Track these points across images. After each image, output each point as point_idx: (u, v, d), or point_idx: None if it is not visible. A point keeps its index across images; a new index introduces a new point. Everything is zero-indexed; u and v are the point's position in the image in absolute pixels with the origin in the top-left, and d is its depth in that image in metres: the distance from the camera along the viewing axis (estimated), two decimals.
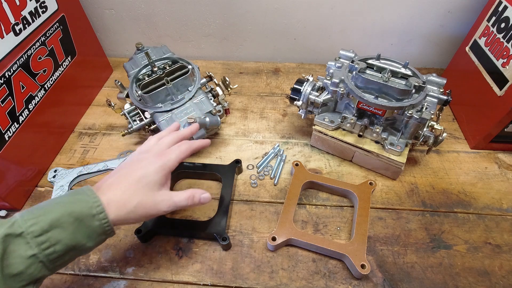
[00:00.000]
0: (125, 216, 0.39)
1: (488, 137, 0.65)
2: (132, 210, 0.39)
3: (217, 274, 0.51)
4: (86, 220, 0.36)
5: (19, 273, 0.32)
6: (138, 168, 0.42)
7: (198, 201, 0.45)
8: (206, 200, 0.46)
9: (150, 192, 0.41)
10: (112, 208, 0.38)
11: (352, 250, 0.50)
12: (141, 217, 0.41)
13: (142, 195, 0.40)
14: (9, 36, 0.56)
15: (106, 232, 0.38)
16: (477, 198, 0.61)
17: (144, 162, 0.43)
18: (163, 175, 0.43)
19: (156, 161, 0.43)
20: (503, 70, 0.60)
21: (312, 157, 0.68)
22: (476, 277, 0.50)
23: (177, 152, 0.45)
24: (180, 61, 0.68)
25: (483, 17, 0.68)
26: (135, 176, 0.41)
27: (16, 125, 0.58)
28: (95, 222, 0.36)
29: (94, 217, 0.36)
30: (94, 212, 0.36)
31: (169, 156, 0.44)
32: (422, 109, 0.55)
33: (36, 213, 0.34)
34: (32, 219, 0.34)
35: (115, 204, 0.38)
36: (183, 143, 0.48)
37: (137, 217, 0.40)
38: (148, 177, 0.41)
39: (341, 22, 0.85)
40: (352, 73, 0.59)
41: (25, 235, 0.33)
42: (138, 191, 0.40)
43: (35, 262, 0.33)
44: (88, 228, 0.36)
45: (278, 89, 0.86)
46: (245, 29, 0.89)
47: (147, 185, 0.41)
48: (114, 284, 0.50)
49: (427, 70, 0.91)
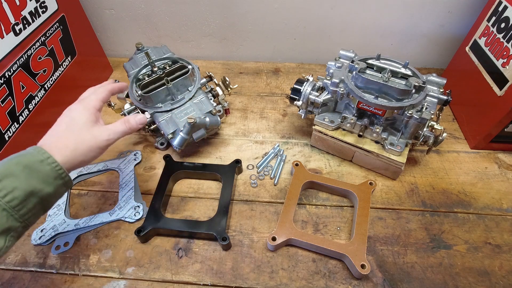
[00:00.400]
0: (71, 155, 0.41)
1: (488, 137, 0.65)
2: (75, 147, 0.42)
3: (217, 274, 0.51)
4: (35, 166, 0.37)
5: None
6: (65, 117, 0.45)
7: (134, 123, 0.49)
8: (142, 120, 0.50)
9: (84, 130, 0.44)
10: (55, 153, 0.39)
11: (352, 250, 0.50)
12: (88, 152, 0.43)
13: (78, 134, 0.43)
14: (9, 36, 0.56)
15: (61, 175, 0.39)
16: (477, 198, 0.61)
17: (68, 111, 0.46)
18: (89, 114, 0.45)
19: (78, 106, 0.46)
20: (503, 70, 0.60)
21: (312, 157, 0.68)
22: (476, 277, 0.50)
23: (96, 93, 0.48)
24: (180, 61, 0.68)
25: (483, 17, 0.68)
26: (63, 123, 0.44)
27: (16, 125, 0.58)
28: (46, 167, 0.38)
29: (43, 162, 0.38)
30: (41, 158, 0.38)
31: (88, 98, 0.47)
32: (422, 109, 0.54)
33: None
34: None
35: (57, 149, 0.40)
36: (99, 87, 0.51)
37: (84, 152, 0.43)
38: (76, 119, 0.44)
39: (341, 22, 0.85)
40: (352, 73, 0.59)
41: None
42: (73, 132, 0.43)
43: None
44: (40, 172, 0.37)
45: (278, 89, 0.86)
46: (245, 29, 0.89)
47: (77, 125, 0.44)
48: (114, 284, 0.50)
49: (427, 70, 0.91)
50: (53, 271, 0.52)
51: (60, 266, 0.52)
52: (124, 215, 0.57)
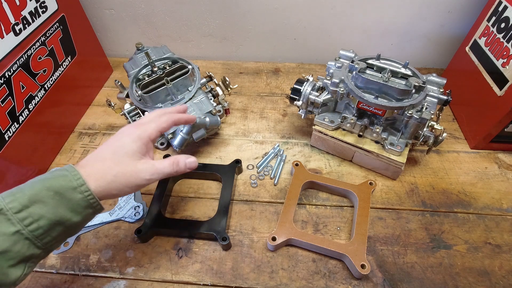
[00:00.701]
0: (106, 186, 0.38)
1: (488, 137, 0.65)
2: (113, 179, 0.38)
3: (217, 274, 0.51)
4: (67, 194, 0.35)
5: (4, 251, 0.32)
6: (115, 140, 0.42)
7: (183, 166, 0.44)
8: (192, 165, 0.45)
9: (129, 161, 0.40)
10: (91, 180, 0.37)
11: (352, 250, 0.50)
12: (124, 187, 0.40)
13: (122, 164, 0.40)
14: (9, 36, 0.56)
15: (92, 205, 0.37)
16: (477, 198, 0.61)
17: (122, 134, 0.43)
18: (141, 144, 0.42)
19: (134, 131, 0.43)
20: (503, 70, 0.60)
21: (312, 157, 0.68)
22: (476, 277, 0.50)
23: (157, 122, 0.45)
24: (180, 61, 0.68)
25: (483, 17, 0.68)
26: (111, 148, 0.41)
27: (16, 125, 0.58)
28: (77, 195, 0.35)
29: (75, 190, 0.35)
30: (75, 184, 0.36)
31: (147, 126, 0.44)
32: (422, 109, 0.54)
33: (14, 191, 0.34)
34: (10, 196, 0.33)
35: (94, 176, 0.38)
36: (163, 114, 0.47)
37: (120, 187, 0.39)
38: (125, 147, 0.41)
39: (341, 22, 0.85)
40: (352, 73, 0.59)
41: (5, 212, 0.32)
42: (117, 161, 0.40)
43: (20, 239, 0.33)
44: (71, 201, 0.35)
45: (278, 89, 0.86)
46: (245, 29, 0.89)
47: (125, 155, 0.40)
48: (114, 284, 0.50)
49: (427, 70, 0.91)
50: (53, 271, 0.52)
51: (60, 266, 0.52)
52: (124, 215, 0.58)
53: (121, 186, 0.39)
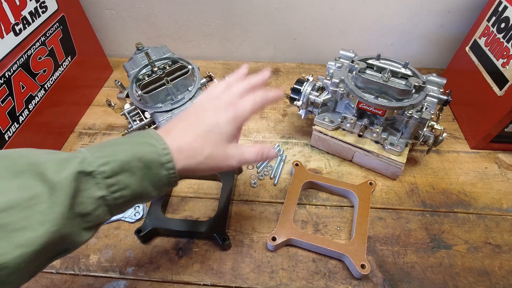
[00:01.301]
0: (194, 167, 0.36)
1: (488, 137, 0.65)
2: (202, 161, 0.36)
3: (217, 274, 0.51)
4: (154, 168, 0.33)
5: (87, 214, 0.30)
6: (210, 116, 0.38)
7: (266, 157, 0.41)
8: (274, 156, 0.42)
9: (221, 144, 0.38)
10: (181, 156, 0.35)
11: (352, 250, 0.50)
12: (210, 170, 0.38)
13: (214, 146, 0.37)
14: (9, 36, 0.56)
15: (171, 182, 0.35)
16: (477, 198, 0.61)
17: (216, 110, 0.39)
18: (235, 127, 0.39)
19: (230, 110, 0.39)
20: (503, 70, 0.60)
21: (312, 157, 0.68)
22: (476, 277, 0.50)
23: (251, 103, 0.40)
24: (180, 61, 0.68)
25: (483, 17, 0.68)
26: (206, 125, 0.38)
27: (16, 125, 0.58)
28: (163, 172, 0.33)
29: (163, 166, 0.33)
30: (163, 160, 0.33)
31: (243, 106, 0.40)
32: (422, 109, 0.55)
33: (106, 152, 0.32)
34: (102, 157, 0.31)
35: (185, 152, 0.35)
36: (258, 94, 0.42)
37: (206, 168, 0.37)
38: (220, 127, 0.38)
39: (341, 22, 0.85)
40: (352, 73, 0.59)
41: (96, 175, 0.30)
42: (210, 141, 0.37)
43: (102, 204, 0.31)
44: (156, 176, 0.33)
45: (278, 89, 0.86)
46: (245, 29, 0.89)
47: (219, 136, 0.37)
48: (114, 284, 0.50)
49: (427, 70, 0.91)
50: (53, 271, 0.52)
51: (60, 266, 0.52)
52: (124, 215, 0.57)
53: (208, 168, 0.37)
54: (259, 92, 0.42)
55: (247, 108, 0.40)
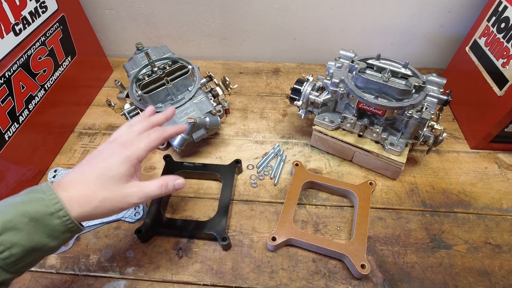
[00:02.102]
0: (91, 212, 0.36)
1: (488, 137, 0.65)
2: (98, 205, 0.36)
3: (217, 274, 0.51)
4: (43, 219, 0.33)
5: None
6: (101, 160, 0.39)
7: (172, 188, 0.42)
8: (180, 186, 0.43)
9: (116, 186, 0.38)
10: (74, 205, 0.35)
11: (352, 250, 0.50)
12: (110, 211, 0.38)
13: (107, 189, 0.37)
14: (9, 36, 0.56)
15: (71, 229, 0.35)
16: (477, 198, 0.61)
17: (108, 153, 0.40)
18: (130, 166, 0.39)
19: (122, 151, 0.40)
20: (503, 70, 0.60)
21: (312, 157, 0.68)
22: (476, 277, 0.50)
23: (146, 141, 0.42)
24: (180, 61, 0.68)
25: (483, 17, 0.68)
26: (97, 169, 0.38)
27: (16, 125, 0.58)
28: (55, 221, 0.34)
29: (53, 215, 0.33)
30: (52, 210, 0.33)
31: (136, 145, 0.41)
32: (422, 109, 0.54)
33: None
34: None
35: (77, 201, 0.35)
36: (153, 130, 0.44)
37: (105, 211, 0.37)
38: (112, 170, 0.38)
39: (341, 22, 0.85)
40: (352, 73, 0.59)
41: None
42: (102, 185, 0.37)
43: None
44: (47, 227, 0.33)
45: (278, 89, 0.86)
46: (245, 29, 0.89)
47: (112, 178, 0.38)
48: (114, 284, 0.50)
49: (427, 70, 0.91)
50: (53, 271, 0.52)
51: (60, 266, 0.52)
52: (124, 215, 0.57)
53: (106, 211, 0.37)
54: (155, 129, 0.44)
55: (141, 146, 0.41)
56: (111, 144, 0.42)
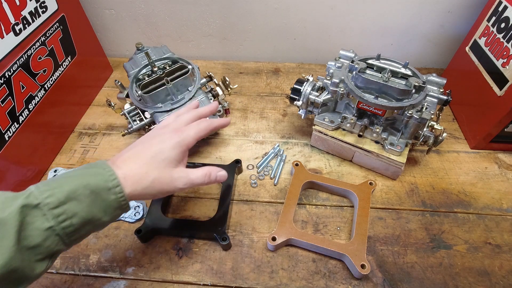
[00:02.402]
0: (141, 191, 0.38)
1: (488, 137, 0.65)
2: (149, 185, 0.39)
3: (217, 274, 0.51)
4: (102, 194, 0.35)
5: (36, 246, 0.32)
6: (155, 144, 0.42)
7: (214, 179, 0.45)
8: (222, 178, 0.46)
9: (166, 168, 0.40)
10: (128, 182, 0.37)
11: (352, 250, 0.50)
12: (157, 193, 0.40)
13: (159, 171, 0.40)
14: (9, 36, 0.56)
15: (122, 206, 0.37)
16: (477, 198, 0.61)
17: (161, 138, 0.42)
18: (180, 152, 0.42)
19: (173, 136, 0.42)
20: (503, 70, 0.60)
21: (312, 157, 0.68)
22: (476, 277, 0.50)
23: (195, 129, 0.45)
24: (180, 61, 0.68)
25: (483, 17, 0.68)
26: (151, 151, 0.40)
27: (16, 125, 0.58)
28: (111, 196, 0.35)
29: (110, 191, 0.35)
30: (110, 185, 0.35)
31: (187, 132, 0.44)
32: (422, 109, 0.55)
33: (52, 185, 0.33)
34: (48, 190, 0.33)
35: (131, 178, 0.37)
36: (202, 121, 0.47)
37: (153, 192, 0.39)
38: (164, 153, 0.41)
39: (341, 22, 0.85)
40: (352, 73, 0.59)
41: (42, 207, 0.32)
42: (155, 166, 0.39)
43: (51, 235, 0.32)
44: (104, 201, 0.35)
45: (278, 89, 0.86)
46: (245, 29, 0.89)
47: (163, 161, 0.40)
48: (114, 284, 0.50)
49: (427, 70, 0.91)
50: (53, 271, 0.52)
51: (60, 266, 0.52)
52: (124, 215, 0.57)
53: (155, 192, 0.40)
54: (203, 120, 0.47)
55: (191, 134, 0.44)
56: (163, 129, 0.44)
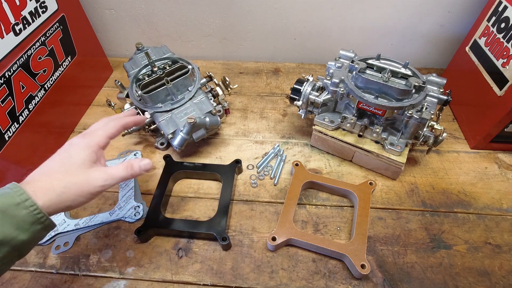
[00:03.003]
0: (57, 199, 0.36)
1: (488, 137, 0.65)
2: (63, 191, 0.37)
3: (217, 274, 0.51)
4: (9, 211, 0.33)
5: None
6: (61, 152, 0.41)
7: (138, 169, 0.43)
8: (147, 167, 0.44)
9: (79, 171, 0.39)
10: (39, 194, 0.35)
11: (352, 250, 0.50)
12: (77, 197, 0.38)
13: (71, 175, 0.38)
14: (9, 36, 0.56)
15: (40, 220, 0.35)
16: (477, 198, 0.61)
17: (68, 145, 0.42)
18: (91, 152, 0.41)
19: (81, 140, 0.42)
20: (503, 70, 0.60)
21: (312, 157, 0.68)
22: (476, 277, 0.50)
23: (104, 128, 0.44)
24: (180, 61, 0.68)
25: (483, 17, 0.68)
26: (59, 159, 0.40)
27: (16, 125, 0.58)
28: (22, 211, 0.34)
29: (19, 206, 0.34)
30: (18, 200, 0.34)
31: (95, 133, 0.43)
32: (422, 109, 0.55)
33: None
34: None
35: (42, 190, 0.36)
36: (110, 119, 0.47)
37: (72, 197, 0.38)
38: (73, 157, 0.40)
39: (341, 22, 0.85)
40: (352, 73, 0.59)
41: None
42: (65, 172, 0.38)
43: None
44: (15, 218, 0.33)
45: (278, 89, 0.86)
46: (245, 29, 0.89)
47: (74, 164, 0.39)
48: (114, 284, 0.50)
49: (427, 70, 0.91)
50: (53, 271, 0.52)
51: (60, 266, 0.52)
52: (124, 215, 0.57)
53: (73, 196, 0.38)
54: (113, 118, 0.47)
55: (99, 133, 0.44)
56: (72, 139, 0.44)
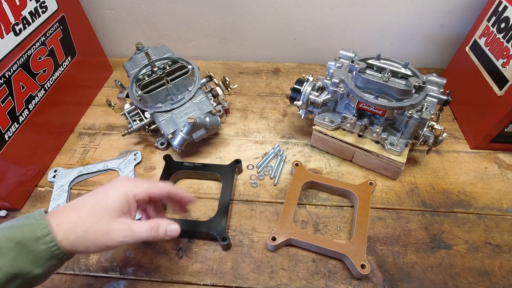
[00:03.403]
0: (74, 240, 0.35)
1: (488, 137, 0.65)
2: (82, 235, 0.35)
3: (217, 274, 0.51)
4: (29, 244, 0.32)
5: None
6: (101, 191, 0.39)
7: (163, 233, 0.40)
8: (174, 233, 0.41)
9: (105, 218, 0.36)
10: (61, 230, 0.34)
11: (352, 250, 0.50)
12: (91, 245, 0.36)
13: (96, 219, 0.36)
14: (9, 36, 0.56)
15: (57, 256, 0.34)
16: (477, 198, 0.61)
17: (112, 185, 0.39)
18: (125, 201, 0.38)
19: (124, 184, 0.39)
20: (503, 70, 0.60)
21: (312, 157, 0.68)
22: (476, 277, 0.50)
23: (151, 184, 0.41)
24: (180, 61, 0.68)
25: (483, 17, 0.68)
26: (93, 199, 0.38)
27: (16, 125, 0.58)
28: (41, 246, 0.33)
29: (39, 240, 0.33)
30: (39, 234, 0.33)
31: (140, 184, 0.40)
32: (422, 109, 0.55)
33: None
34: None
35: (65, 226, 0.35)
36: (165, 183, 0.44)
37: (87, 244, 0.35)
38: (106, 201, 0.37)
39: (341, 22, 0.85)
40: (352, 73, 0.59)
41: None
42: (93, 215, 0.36)
43: None
44: (32, 252, 0.32)
45: (278, 89, 0.86)
46: (245, 29, 0.89)
47: (103, 209, 0.37)
48: (114, 284, 0.50)
49: (427, 70, 0.91)
50: None
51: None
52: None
53: (88, 243, 0.35)
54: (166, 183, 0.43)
55: (144, 186, 0.40)
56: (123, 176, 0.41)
